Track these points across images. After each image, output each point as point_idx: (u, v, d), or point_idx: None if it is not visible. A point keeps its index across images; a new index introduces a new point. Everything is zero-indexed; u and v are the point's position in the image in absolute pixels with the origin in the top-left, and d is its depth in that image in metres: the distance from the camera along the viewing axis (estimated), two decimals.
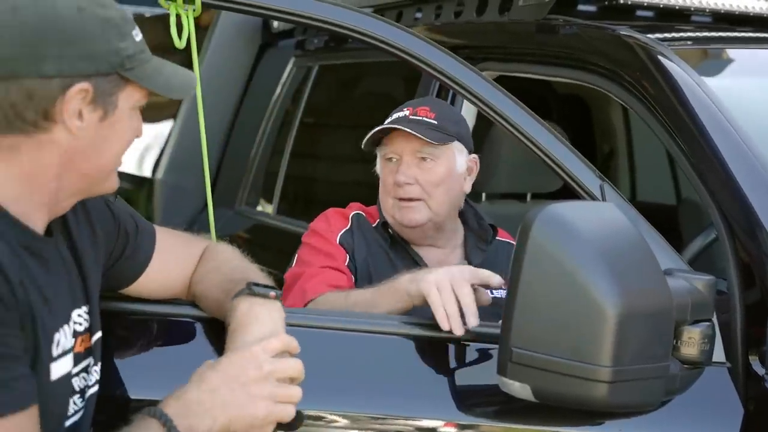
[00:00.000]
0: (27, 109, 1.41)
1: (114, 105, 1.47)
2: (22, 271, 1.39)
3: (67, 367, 1.50)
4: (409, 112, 2.34)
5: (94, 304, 1.60)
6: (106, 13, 1.46)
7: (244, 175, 3.81)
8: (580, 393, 1.59)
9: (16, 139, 1.42)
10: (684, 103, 2.09)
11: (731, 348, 1.82)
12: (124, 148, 1.54)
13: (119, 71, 1.46)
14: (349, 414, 1.79)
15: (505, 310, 1.63)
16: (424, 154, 2.31)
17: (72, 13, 1.43)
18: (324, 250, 2.31)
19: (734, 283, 1.88)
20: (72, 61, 1.41)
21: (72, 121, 1.43)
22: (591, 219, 1.63)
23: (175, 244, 1.83)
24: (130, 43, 1.48)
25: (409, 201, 2.31)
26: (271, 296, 1.61)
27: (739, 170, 1.96)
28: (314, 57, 3.65)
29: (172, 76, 1.55)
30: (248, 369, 1.49)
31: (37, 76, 1.40)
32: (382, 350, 1.87)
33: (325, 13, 1.94)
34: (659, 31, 2.56)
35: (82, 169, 1.48)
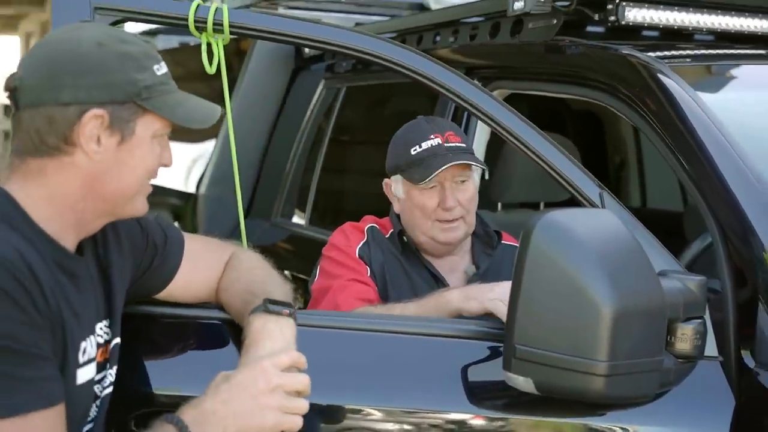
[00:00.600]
0: (49, 133, 1.45)
1: (131, 131, 1.49)
2: (55, 284, 1.42)
3: (91, 374, 1.54)
4: (441, 140, 2.31)
5: (115, 316, 1.63)
6: (125, 48, 1.50)
7: (279, 189, 3.83)
8: (579, 386, 1.60)
9: (43, 162, 1.47)
10: (681, 117, 2.09)
11: (724, 343, 1.81)
12: (147, 175, 1.56)
13: (135, 100, 1.48)
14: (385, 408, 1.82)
15: (509, 310, 1.65)
16: (463, 176, 2.32)
17: (91, 47, 1.47)
18: (346, 264, 2.32)
19: (727, 284, 1.87)
20: (88, 89, 1.45)
21: (89, 144, 1.46)
22: (588, 225, 1.64)
23: (203, 251, 1.85)
24: (148, 75, 1.50)
25: (452, 222, 2.32)
26: (284, 314, 1.64)
27: (732, 180, 1.95)
28: (342, 79, 3.68)
29: (193, 109, 1.57)
30: (258, 382, 1.51)
31: (55, 103, 1.44)
32: (409, 350, 1.88)
33: (345, 40, 1.98)
34: (661, 49, 2.56)
35: (104, 192, 1.51)
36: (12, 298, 1.32)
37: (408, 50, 1.98)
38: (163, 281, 1.79)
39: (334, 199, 3.75)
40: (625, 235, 1.65)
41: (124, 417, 1.73)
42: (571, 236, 1.60)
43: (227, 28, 1.87)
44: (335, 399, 1.79)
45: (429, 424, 1.84)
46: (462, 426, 1.84)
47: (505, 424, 1.85)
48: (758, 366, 1.78)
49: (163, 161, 1.57)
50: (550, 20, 2.53)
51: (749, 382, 1.77)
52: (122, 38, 1.52)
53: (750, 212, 1.90)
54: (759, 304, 1.81)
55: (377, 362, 1.87)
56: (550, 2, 2.49)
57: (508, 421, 1.85)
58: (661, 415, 1.77)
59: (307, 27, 1.96)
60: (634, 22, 2.52)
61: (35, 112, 1.45)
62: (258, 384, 1.51)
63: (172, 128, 1.56)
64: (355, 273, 2.30)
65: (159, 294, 1.80)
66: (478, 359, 1.84)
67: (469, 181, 2.35)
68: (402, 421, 1.84)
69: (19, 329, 1.33)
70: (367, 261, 2.33)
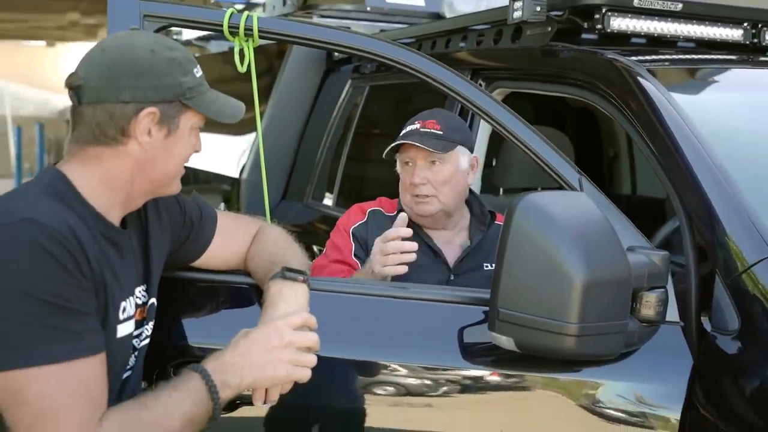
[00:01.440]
0: (109, 126, 1.51)
1: (176, 126, 1.56)
2: (100, 253, 1.47)
3: (129, 330, 1.59)
4: (420, 125, 2.38)
5: (152, 281, 1.68)
6: (172, 54, 1.55)
7: (311, 175, 3.88)
8: (553, 345, 1.63)
9: (99, 149, 1.53)
10: (656, 114, 2.11)
11: (686, 310, 1.85)
12: (184, 160, 1.62)
13: (181, 100, 1.55)
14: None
15: (494, 278, 1.69)
16: (433, 158, 2.36)
17: (146, 54, 1.53)
18: (337, 244, 2.40)
19: (691, 259, 1.90)
20: (144, 90, 1.51)
21: (143, 137, 1.53)
22: (564, 205, 1.67)
23: (234, 227, 1.90)
24: (191, 78, 1.57)
25: (424, 197, 2.37)
26: (299, 280, 1.69)
27: (699, 170, 1.97)
28: (366, 79, 3.71)
29: (224, 105, 1.64)
30: (272, 339, 1.56)
31: (116, 101, 1.50)
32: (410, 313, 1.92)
33: (353, 43, 2.01)
34: (642, 54, 2.57)
35: (151, 175, 1.57)
36: (60, 262, 1.37)
37: (413, 53, 2.01)
38: (198, 251, 1.85)
39: (357, 183, 3.79)
40: (597, 214, 1.68)
41: (164, 366, 1.79)
42: (547, 215, 1.64)
43: (257, 33, 1.92)
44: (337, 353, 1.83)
45: (428, 377, 1.88)
46: (456, 379, 1.88)
47: (492, 379, 1.88)
48: (714, 330, 1.81)
49: (196, 148, 1.64)
50: (545, 28, 2.56)
51: (706, 344, 1.81)
52: (169, 46, 1.58)
53: (713, 198, 1.92)
54: (716, 277, 1.84)
55: (388, 325, 1.91)
56: (545, 12, 2.52)
57: (494, 375, 1.88)
58: (627, 372, 1.80)
59: (322, 31, 2.01)
60: (618, 30, 2.55)
61: (97, 107, 1.51)
62: (272, 340, 1.56)
63: (205, 121, 1.63)
64: (339, 254, 2.37)
65: (195, 262, 1.86)
66: (471, 322, 1.86)
67: (443, 164, 2.37)
68: (405, 375, 1.88)
69: (66, 288, 1.38)
70: (360, 239, 2.39)
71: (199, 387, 1.49)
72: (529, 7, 2.49)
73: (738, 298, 1.80)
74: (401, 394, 1.86)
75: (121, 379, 1.60)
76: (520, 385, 1.86)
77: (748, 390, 1.75)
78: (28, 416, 1.36)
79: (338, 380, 1.89)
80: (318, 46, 2.06)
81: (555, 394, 1.84)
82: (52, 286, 1.36)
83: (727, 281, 1.82)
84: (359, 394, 1.88)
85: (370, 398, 1.87)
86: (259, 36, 1.92)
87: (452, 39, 3.10)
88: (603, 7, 2.50)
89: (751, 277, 1.81)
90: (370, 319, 1.89)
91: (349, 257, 2.38)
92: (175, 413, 1.46)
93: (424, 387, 1.87)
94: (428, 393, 1.87)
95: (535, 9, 2.49)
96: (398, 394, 1.86)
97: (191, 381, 1.50)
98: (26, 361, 1.35)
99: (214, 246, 1.85)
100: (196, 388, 1.49)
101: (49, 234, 1.38)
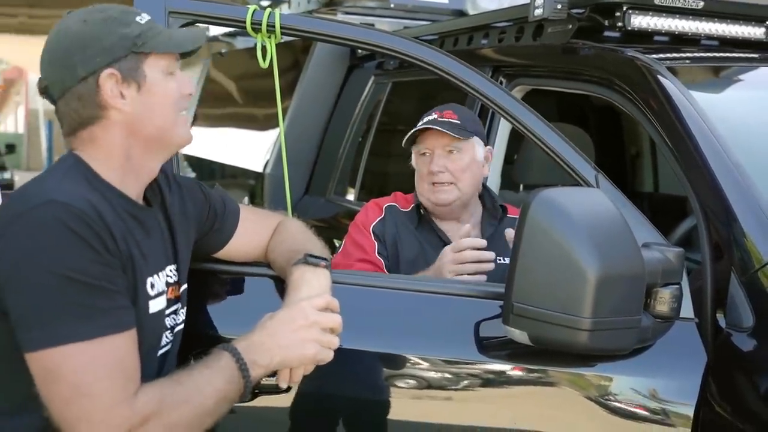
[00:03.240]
0: (83, 107, 1.53)
1: (143, 76, 1.55)
2: (126, 230, 1.50)
3: (161, 306, 1.61)
4: (438, 115, 2.42)
5: (181, 262, 1.70)
6: (105, 14, 1.56)
7: (333, 170, 3.90)
8: (566, 338, 1.63)
9: (90, 130, 1.55)
10: (674, 112, 2.11)
11: (701, 307, 1.85)
12: (174, 107, 1.60)
13: (133, 50, 1.54)
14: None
15: (509, 273, 1.69)
16: (451, 147, 2.39)
17: (79, 27, 1.54)
18: (359, 242, 2.42)
19: (707, 257, 1.90)
20: (92, 59, 1.52)
21: (116, 100, 1.53)
22: (579, 201, 1.67)
23: (255, 220, 1.93)
24: (134, 27, 1.56)
25: (441, 185, 2.39)
26: (321, 265, 1.71)
27: (716, 168, 1.97)
28: (389, 75, 3.73)
29: (182, 37, 1.62)
30: (298, 319, 1.58)
31: (77, 82, 1.52)
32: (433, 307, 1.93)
33: (384, 42, 2.03)
34: (663, 52, 2.57)
35: (145, 133, 1.57)
36: (86, 241, 1.39)
37: (434, 50, 2.02)
38: (221, 242, 1.88)
39: (379, 179, 3.81)
40: (612, 210, 1.68)
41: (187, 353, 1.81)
42: (562, 210, 1.64)
43: (278, 30, 1.94)
44: (358, 345, 1.85)
45: (443, 370, 1.89)
46: (471, 372, 1.89)
47: (505, 372, 1.90)
48: (728, 327, 1.81)
49: (184, 90, 1.62)
50: (566, 25, 2.57)
51: (721, 341, 1.81)
52: (100, 8, 1.58)
53: (730, 197, 1.92)
54: (732, 274, 1.84)
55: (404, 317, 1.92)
56: (566, 9, 2.53)
57: (507, 369, 1.89)
58: (641, 367, 1.80)
59: (344, 28, 2.02)
60: (639, 28, 2.55)
61: (67, 97, 1.54)
62: (298, 320, 1.58)
63: (176, 59, 1.61)
64: (363, 252, 2.39)
65: (217, 253, 1.89)
66: (486, 316, 1.87)
67: (459, 153, 2.40)
68: (421, 368, 1.89)
69: (93, 267, 1.40)
70: (380, 236, 2.41)
71: (230, 365, 1.51)
72: (550, 5, 2.50)
73: (753, 296, 1.79)
74: (417, 386, 1.88)
75: (157, 357, 1.63)
76: (533, 379, 1.86)
77: (762, 387, 1.75)
78: (64, 393, 1.39)
79: (355, 371, 1.91)
80: (339, 42, 2.08)
81: (568, 388, 1.85)
82: (81, 265, 1.39)
83: (742, 278, 1.82)
84: (376, 384, 1.91)
85: (387, 390, 1.89)
86: (281, 33, 1.94)
87: (474, 36, 3.11)
88: (624, 5, 2.50)
89: (767, 274, 1.80)
90: (386, 311, 1.91)
91: (374, 256, 2.39)
92: (207, 390, 1.48)
93: (438, 379, 1.89)
94: (443, 385, 1.89)
95: (556, 6, 2.50)
96: (414, 387, 1.88)
97: (222, 359, 1.52)
98: (60, 339, 1.37)
99: (236, 238, 1.88)
100: (228, 366, 1.51)
101: (75, 214, 1.40)
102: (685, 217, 3.07)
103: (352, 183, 3.76)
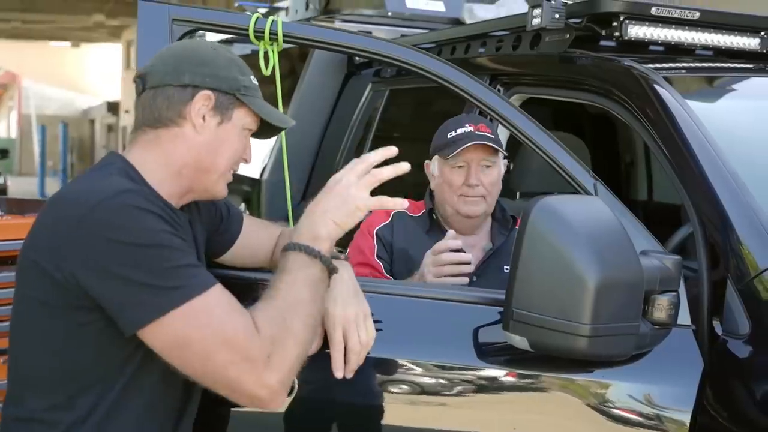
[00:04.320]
0: (167, 108, 1.61)
1: (229, 118, 1.64)
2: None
3: None
4: (474, 128, 2.43)
5: (202, 263, 1.74)
6: (232, 55, 1.67)
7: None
8: (566, 345, 1.65)
9: (159, 132, 1.62)
10: (671, 121, 2.13)
11: (698, 314, 1.87)
12: (233, 160, 1.68)
13: (236, 94, 1.63)
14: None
15: (509, 279, 1.71)
16: (488, 162, 2.43)
17: (208, 49, 1.66)
18: (360, 246, 2.45)
19: (703, 265, 1.92)
20: (203, 76, 1.61)
21: (197, 119, 1.61)
22: (578, 209, 1.70)
23: (258, 226, 1.96)
24: (247, 79, 1.66)
25: (473, 198, 2.42)
26: (341, 258, 1.74)
27: (712, 177, 1.99)
28: (386, 83, 3.75)
29: (274, 112, 1.72)
30: (334, 187, 1.64)
31: (176, 84, 1.60)
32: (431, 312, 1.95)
33: (383, 49, 2.04)
34: (659, 62, 2.60)
35: (202, 163, 1.64)
36: (160, 216, 1.48)
37: (433, 58, 2.04)
38: (224, 247, 1.90)
39: (376, 186, 3.82)
40: (611, 218, 1.70)
41: None
42: (562, 218, 1.66)
43: (281, 37, 1.96)
44: None
45: (444, 376, 1.90)
46: (471, 378, 1.90)
47: (505, 378, 1.91)
48: (725, 334, 1.83)
49: (245, 156, 1.71)
50: (564, 35, 2.59)
51: (717, 348, 1.83)
52: (229, 50, 1.70)
53: (727, 205, 1.94)
54: (728, 282, 1.86)
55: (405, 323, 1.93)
56: (563, 19, 2.55)
57: (507, 375, 1.91)
58: (639, 373, 1.82)
59: (345, 36, 2.04)
60: (636, 38, 2.56)
61: (158, 91, 1.61)
62: (338, 185, 1.63)
63: (256, 128, 1.70)
64: (362, 256, 2.42)
65: (220, 258, 1.91)
66: (487, 322, 1.88)
67: (494, 167, 2.45)
68: (421, 373, 1.91)
69: (172, 237, 1.49)
70: (384, 240, 2.44)
71: (297, 256, 1.58)
72: (548, 14, 2.52)
73: (749, 303, 1.82)
74: (417, 392, 1.89)
75: None
76: (533, 385, 1.88)
77: (758, 393, 1.77)
78: (200, 349, 1.45)
79: (354, 377, 1.92)
80: (341, 50, 2.10)
81: (567, 393, 1.86)
82: (164, 236, 1.47)
83: (738, 286, 1.84)
84: (376, 390, 1.91)
85: (386, 395, 1.90)
86: (283, 40, 1.96)
87: (472, 45, 3.12)
88: (621, 15, 2.52)
89: (763, 282, 1.83)
90: (387, 317, 1.91)
91: (372, 258, 2.41)
92: (296, 287, 1.55)
93: (439, 385, 1.90)
94: (443, 391, 1.90)
95: (553, 16, 2.52)
96: (414, 392, 1.89)
97: (288, 257, 1.59)
98: (177, 301, 1.44)
99: (240, 242, 1.91)
100: (295, 257, 1.58)
101: (145, 197, 1.50)
102: (679, 225, 3.10)
103: None
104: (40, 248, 1.50)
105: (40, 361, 1.54)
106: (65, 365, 1.52)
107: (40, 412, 1.52)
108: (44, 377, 1.53)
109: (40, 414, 1.52)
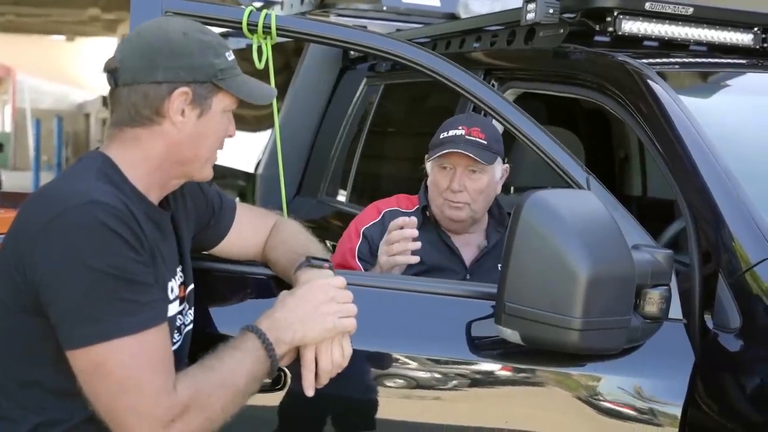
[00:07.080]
0: (144, 107, 1.56)
1: (209, 107, 1.60)
2: (150, 232, 1.53)
3: (176, 309, 1.64)
4: (465, 132, 2.39)
5: (186, 263, 1.73)
6: (205, 37, 1.61)
7: (325, 171, 3.92)
8: (557, 338, 1.66)
9: (137, 131, 1.58)
10: (664, 116, 2.14)
11: (690, 308, 1.88)
12: (217, 143, 1.66)
13: (213, 81, 1.59)
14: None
15: (501, 273, 1.72)
16: (474, 168, 2.39)
17: (179, 36, 1.58)
18: (344, 244, 2.45)
19: (695, 259, 1.93)
20: (176, 71, 1.55)
21: (176, 116, 1.57)
22: (570, 203, 1.70)
23: (252, 218, 1.94)
24: (222, 60, 1.60)
25: (456, 203, 2.40)
26: (324, 267, 1.73)
27: (705, 172, 2.00)
28: (381, 78, 3.75)
29: (255, 88, 1.67)
30: (318, 294, 1.62)
31: (150, 82, 1.55)
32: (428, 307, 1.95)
33: (378, 44, 2.05)
34: (653, 57, 2.60)
35: (185, 155, 1.61)
36: (125, 239, 1.43)
37: (428, 53, 2.04)
38: (216, 239, 1.89)
39: (371, 180, 3.83)
40: (603, 212, 1.71)
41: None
42: (555, 212, 1.67)
43: (275, 31, 1.96)
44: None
45: (436, 370, 1.91)
46: (463, 372, 1.91)
47: (497, 371, 1.92)
48: (716, 327, 1.84)
49: (229, 133, 1.68)
50: (558, 30, 2.59)
51: (708, 342, 1.84)
52: (202, 29, 1.63)
53: (719, 200, 1.95)
54: (720, 276, 1.87)
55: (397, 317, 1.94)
56: (557, 14, 2.55)
57: (499, 368, 1.92)
58: (630, 367, 1.83)
59: (339, 30, 2.05)
60: (630, 33, 2.57)
61: (133, 89, 1.56)
62: (318, 296, 1.62)
63: (237, 105, 1.66)
64: (341, 258, 2.42)
65: (212, 249, 1.90)
66: (479, 316, 1.89)
67: (482, 174, 2.40)
68: (414, 367, 1.91)
69: (132, 264, 1.43)
70: (371, 240, 2.41)
71: (257, 345, 1.56)
72: (542, 9, 2.52)
73: (740, 297, 1.83)
74: (410, 386, 1.90)
75: None
76: (525, 379, 1.89)
77: (748, 387, 1.78)
78: (111, 387, 1.41)
79: (347, 371, 1.92)
80: (335, 44, 2.10)
81: (558, 387, 1.87)
82: (121, 262, 1.41)
83: (730, 280, 1.85)
84: (369, 384, 1.92)
85: (379, 389, 1.91)
86: (277, 34, 1.96)
87: (466, 39, 3.13)
88: (615, 10, 2.52)
89: (754, 276, 1.84)
90: (379, 311, 1.92)
91: (352, 261, 2.39)
92: (238, 372, 1.52)
93: (431, 379, 1.91)
94: (435, 385, 1.91)
95: (548, 11, 2.52)
96: (407, 386, 1.90)
97: (248, 340, 1.56)
98: (107, 334, 1.40)
99: (231, 234, 1.90)
100: (254, 346, 1.55)
101: (113, 214, 1.43)
102: (672, 219, 3.11)
103: (343, 184, 3.78)
104: (8, 246, 1.48)
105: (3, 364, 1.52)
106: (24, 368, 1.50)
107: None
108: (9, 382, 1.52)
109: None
